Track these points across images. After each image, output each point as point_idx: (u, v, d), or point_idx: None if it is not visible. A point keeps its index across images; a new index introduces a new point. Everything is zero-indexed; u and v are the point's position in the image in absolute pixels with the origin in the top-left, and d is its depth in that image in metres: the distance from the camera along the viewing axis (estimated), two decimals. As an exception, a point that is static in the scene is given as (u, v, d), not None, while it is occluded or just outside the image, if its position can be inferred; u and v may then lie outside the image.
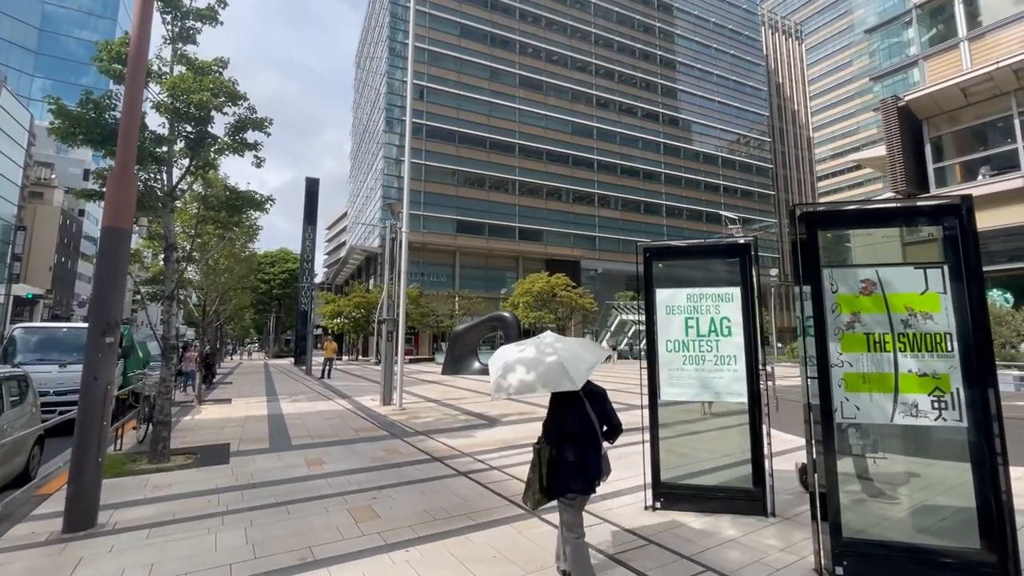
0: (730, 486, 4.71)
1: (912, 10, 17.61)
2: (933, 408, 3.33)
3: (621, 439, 6.85)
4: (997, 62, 13.65)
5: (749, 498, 4.55)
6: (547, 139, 55.52)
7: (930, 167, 16.17)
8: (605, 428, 3.39)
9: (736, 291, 4.76)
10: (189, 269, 13.70)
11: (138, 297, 11.21)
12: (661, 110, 63.64)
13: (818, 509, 3.42)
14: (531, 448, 3.48)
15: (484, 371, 22.37)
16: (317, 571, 3.50)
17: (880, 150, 24.55)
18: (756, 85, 73.92)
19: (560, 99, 57.23)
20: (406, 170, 13.12)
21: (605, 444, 3.37)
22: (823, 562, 3.38)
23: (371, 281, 50.73)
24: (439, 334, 44.28)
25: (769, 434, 4.54)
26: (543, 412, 3.56)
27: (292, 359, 39.70)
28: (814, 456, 3.47)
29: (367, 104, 64.39)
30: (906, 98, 16.12)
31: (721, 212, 62.97)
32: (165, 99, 6.98)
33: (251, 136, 8.13)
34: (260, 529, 4.30)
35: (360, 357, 47.08)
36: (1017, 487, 3.44)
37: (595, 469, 3.25)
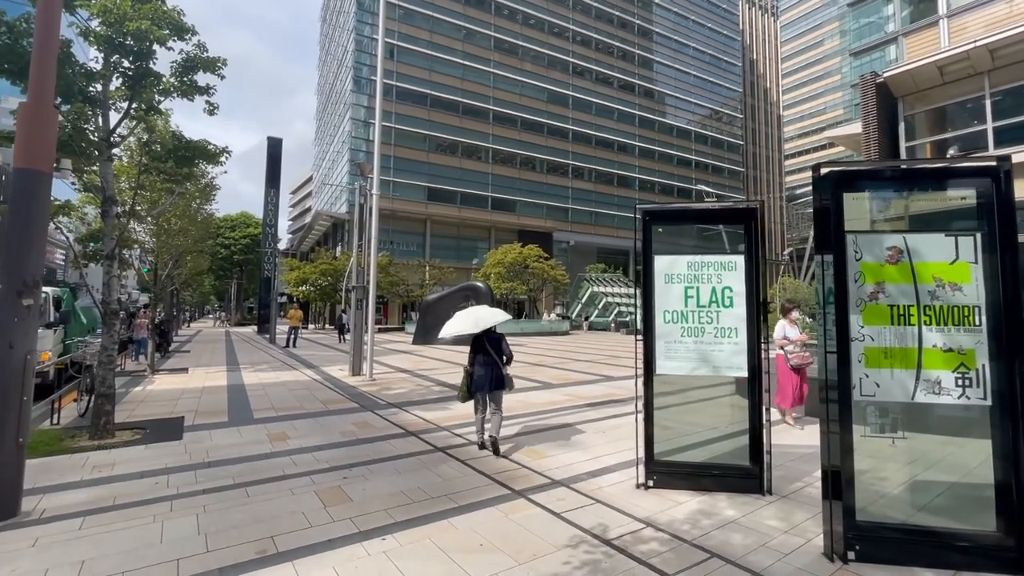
0: (726, 463, 4.50)
1: (895, -16, 17.42)
2: (957, 385, 3.12)
3: (603, 412, 7.66)
4: (975, 41, 13.64)
5: (745, 475, 4.35)
6: (522, 106, 54.10)
7: (902, 145, 16.30)
8: (504, 358, 5.69)
9: (740, 259, 4.46)
10: (137, 229, 12.60)
11: (83, 257, 10.19)
12: (637, 81, 62.81)
13: (830, 490, 3.20)
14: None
15: (456, 341, 22.00)
16: (280, 566, 3.08)
17: (851, 128, 24.77)
18: (731, 60, 73.75)
19: (536, 65, 55.61)
20: (376, 133, 12.25)
21: (507, 369, 5.69)
22: (834, 545, 3.18)
23: (338, 248, 49.06)
24: (409, 303, 43.48)
25: (768, 410, 4.32)
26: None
27: (255, 327, 38.36)
28: (829, 435, 3.23)
29: (333, 62, 61.03)
30: (885, 75, 16.07)
31: (693, 187, 63.59)
32: (96, 27, 6.03)
33: (203, 79, 7.26)
34: (215, 516, 3.83)
35: (327, 326, 45.88)
36: None
37: (495, 379, 5.59)
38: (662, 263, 4.55)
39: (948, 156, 15.13)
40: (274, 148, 34.32)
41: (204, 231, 16.73)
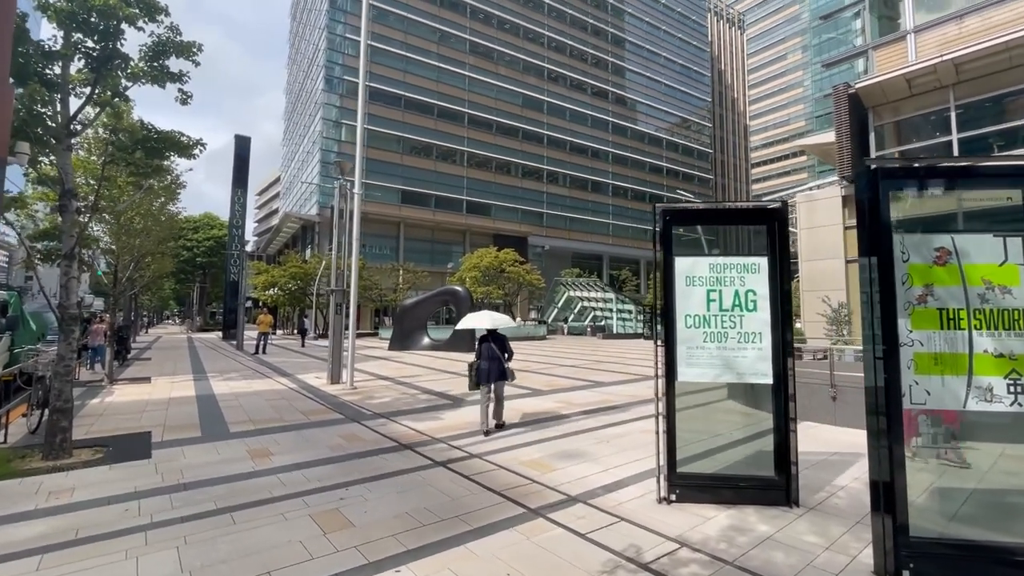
0: (752, 474, 4.30)
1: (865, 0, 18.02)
2: (1009, 392, 2.98)
3: (601, 419, 7.57)
4: (941, 55, 14.18)
5: (771, 487, 4.17)
6: (497, 110, 53.95)
7: (873, 154, 16.82)
8: (506, 354, 6.68)
9: (763, 261, 4.29)
10: (95, 228, 11.71)
11: (36, 258, 9.31)
12: (611, 88, 63.61)
13: (881, 504, 3.02)
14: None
15: (434, 347, 21.49)
16: (284, 609, 2.68)
17: (821, 137, 25.54)
18: (700, 70, 75.62)
19: (511, 70, 55.59)
20: (359, 132, 11.78)
21: (509, 364, 6.69)
22: (886, 563, 2.99)
23: (308, 251, 47.66)
24: (382, 308, 42.56)
25: (795, 419, 4.15)
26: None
27: (220, 333, 36.77)
28: (879, 447, 3.05)
29: (304, 60, 59.51)
30: (857, 86, 16.55)
31: (664, 193, 64.79)
32: (55, 1, 5.45)
33: (175, 65, 6.71)
34: (198, 549, 3.37)
35: (295, 332, 44.43)
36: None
37: (497, 373, 6.53)
38: (683, 265, 4.34)
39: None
40: (242, 147, 33.08)
41: (168, 231, 15.79)
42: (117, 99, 6.34)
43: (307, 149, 53.61)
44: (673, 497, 4.21)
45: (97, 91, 6.13)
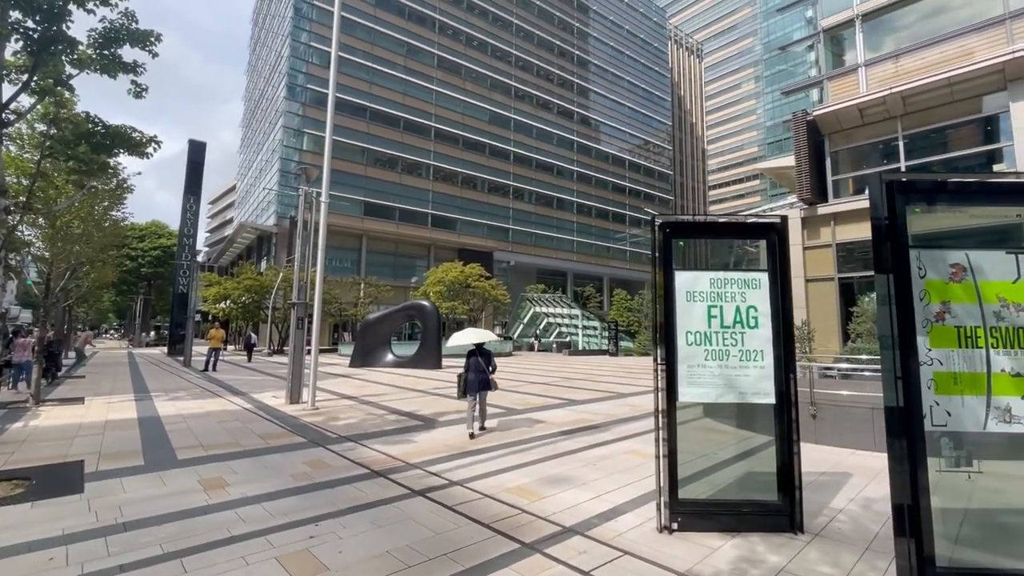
0: (753, 499, 4.12)
1: (819, 34, 19.07)
2: (1027, 413, 2.90)
3: (581, 440, 7.37)
4: (891, 88, 15.08)
5: (774, 512, 3.99)
6: (464, 125, 53.99)
7: (829, 179, 17.63)
8: (490, 367, 7.49)
9: (763, 276, 4.17)
10: (27, 231, 10.62)
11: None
12: (576, 109, 65.00)
13: (907, 531, 2.86)
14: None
15: (398, 363, 20.78)
16: None
17: (777, 161, 26.70)
18: (661, 95, 78.52)
19: (479, 86, 55.93)
20: (327, 140, 11.28)
21: (493, 376, 7.55)
22: (912, 598, 2.82)
23: (263, 262, 45.77)
24: (341, 323, 41.16)
25: (799, 441, 4.00)
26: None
27: (165, 348, 34.53)
28: (902, 471, 2.91)
29: (265, 67, 57.93)
30: (814, 113, 17.37)
31: (627, 212, 66.33)
32: (-9, -27, 4.85)
33: (129, 55, 6.15)
34: (142, 606, 2.85)
35: (243, 347, 42.26)
36: None
37: (483, 384, 7.38)
38: (683, 279, 4.17)
39: (865, 191, 16.48)
40: (196, 152, 31.54)
41: (111, 238, 14.62)
42: (59, 87, 5.70)
43: (266, 158, 51.87)
44: (675, 526, 3.96)
45: (36, 77, 5.49)
